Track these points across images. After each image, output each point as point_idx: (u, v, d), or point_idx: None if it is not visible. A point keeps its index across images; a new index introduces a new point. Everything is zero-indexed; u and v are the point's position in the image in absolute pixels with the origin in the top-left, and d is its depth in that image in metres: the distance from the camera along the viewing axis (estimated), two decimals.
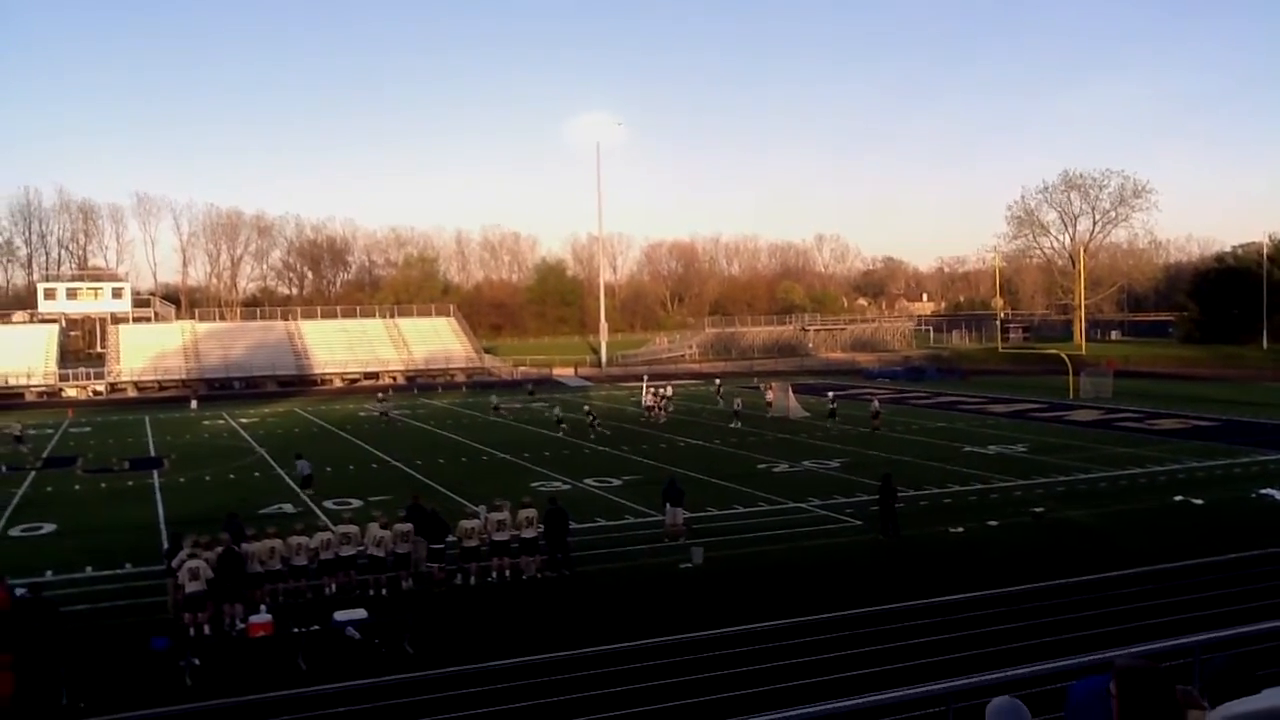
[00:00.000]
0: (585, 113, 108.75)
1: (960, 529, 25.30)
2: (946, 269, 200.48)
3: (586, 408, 52.87)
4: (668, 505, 25.21)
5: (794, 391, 55.23)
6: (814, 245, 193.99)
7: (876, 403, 49.60)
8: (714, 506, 28.78)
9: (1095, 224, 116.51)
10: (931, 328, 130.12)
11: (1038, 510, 27.17)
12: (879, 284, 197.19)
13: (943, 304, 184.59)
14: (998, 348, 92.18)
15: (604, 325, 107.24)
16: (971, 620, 17.78)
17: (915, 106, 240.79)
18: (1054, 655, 14.03)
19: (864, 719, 9.62)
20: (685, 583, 20.78)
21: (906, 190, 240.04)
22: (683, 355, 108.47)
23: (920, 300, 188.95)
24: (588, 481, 33.43)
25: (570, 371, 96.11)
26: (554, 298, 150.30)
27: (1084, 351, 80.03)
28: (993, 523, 26.07)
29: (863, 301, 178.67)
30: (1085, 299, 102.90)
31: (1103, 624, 17.11)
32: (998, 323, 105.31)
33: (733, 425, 47.94)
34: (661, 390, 57.94)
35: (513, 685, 14.97)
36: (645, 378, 70.70)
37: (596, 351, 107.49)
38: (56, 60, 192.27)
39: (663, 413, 53.14)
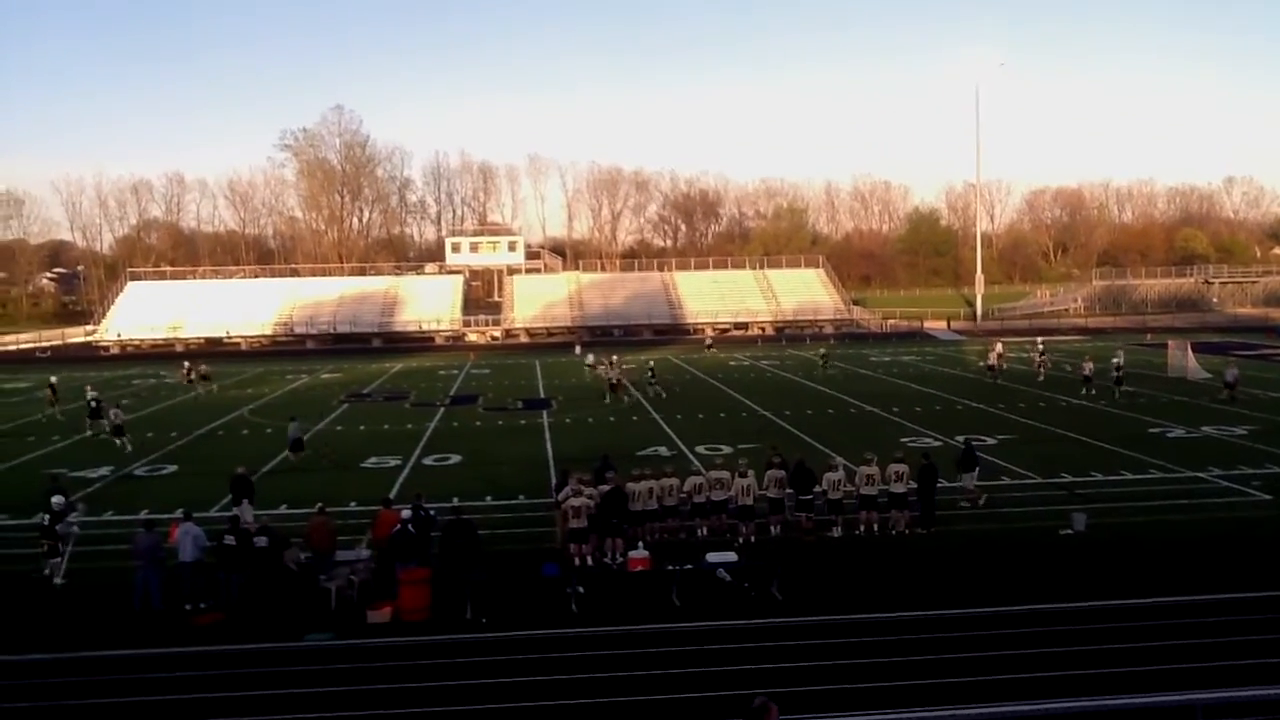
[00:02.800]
0: (964, 52, 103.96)
1: None
2: None
3: (650, 363, 51.76)
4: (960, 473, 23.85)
5: (1193, 350, 50.45)
6: (1222, 189, 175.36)
7: (1234, 371, 41.91)
8: (1099, 471, 26.99)
9: None
10: None
11: None
12: None
13: None
14: None
15: (980, 277, 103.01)
16: None
17: None
18: None
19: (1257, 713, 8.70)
20: (1064, 550, 19.68)
21: None
22: (1066, 309, 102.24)
23: None
24: (960, 439, 32.35)
25: (942, 325, 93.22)
26: (926, 248, 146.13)
27: None
28: None
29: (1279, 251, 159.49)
30: None
31: None
32: None
33: (1084, 392, 42.70)
34: (1038, 349, 55.19)
35: (877, 640, 14.90)
36: (999, 339, 68.01)
37: (971, 304, 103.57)
38: (460, 39, 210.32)
39: (1041, 370, 50.22)
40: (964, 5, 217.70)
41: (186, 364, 57.70)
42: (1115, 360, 45.09)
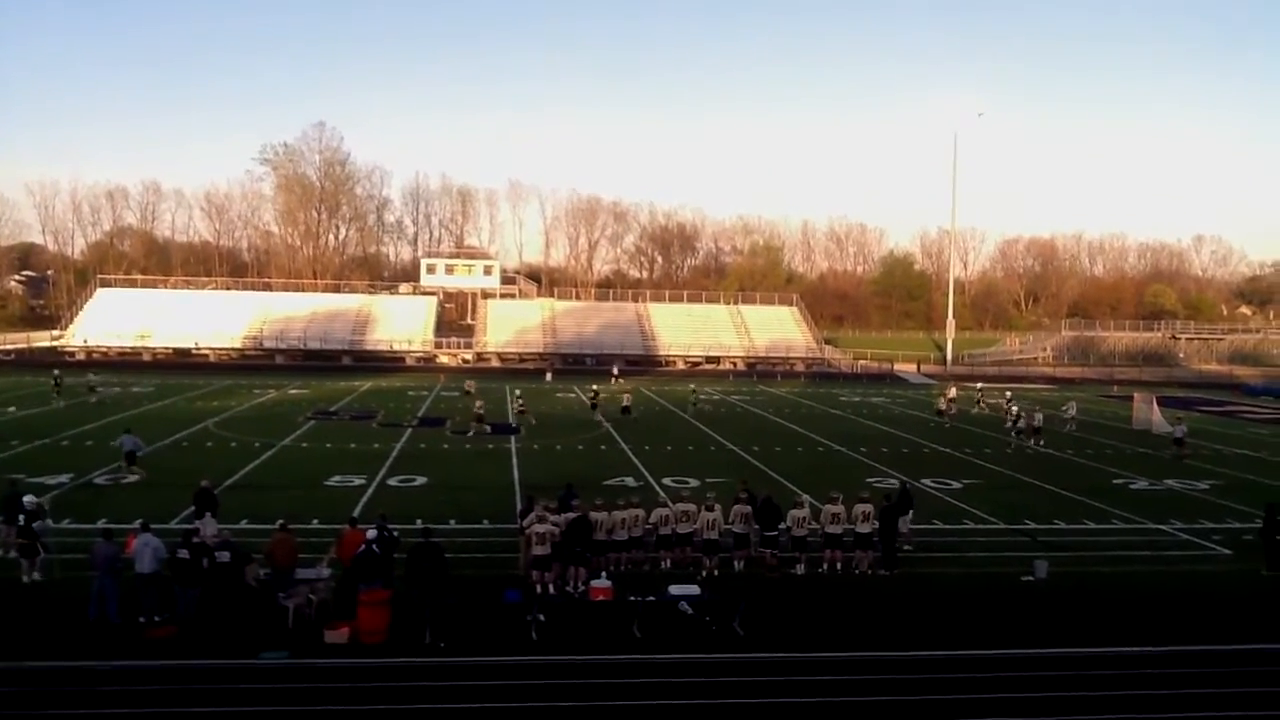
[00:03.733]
0: (943, 100, 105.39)
1: None
2: None
3: (519, 393, 52.63)
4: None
5: (1158, 403, 50.98)
6: (1191, 246, 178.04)
7: (1182, 428, 41.24)
8: (1062, 520, 27.17)
9: None
10: None
11: None
12: (1266, 291, 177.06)
13: None
14: None
15: (951, 322, 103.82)
16: None
17: None
18: None
19: None
20: (1025, 596, 19.76)
21: None
22: (1035, 358, 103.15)
23: None
24: (925, 482, 32.50)
25: (913, 368, 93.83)
26: (899, 291, 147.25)
27: None
28: None
29: (1246, 310, 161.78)
30: None
31: None
32: None
33: (1028, 441, 42.35)
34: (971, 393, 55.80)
35: (837, 679, 14.90)
36: (951, 381, 68.77)
37: (942, 349, 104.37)
38: (439, 64, 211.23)
39: (1008, 417, 50.40)
40: (945, 55, 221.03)
41: (56, 372, 56.56)
42: (1014, 407, 45.54)
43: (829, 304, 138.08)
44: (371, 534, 18.10)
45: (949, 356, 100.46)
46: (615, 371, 75.40)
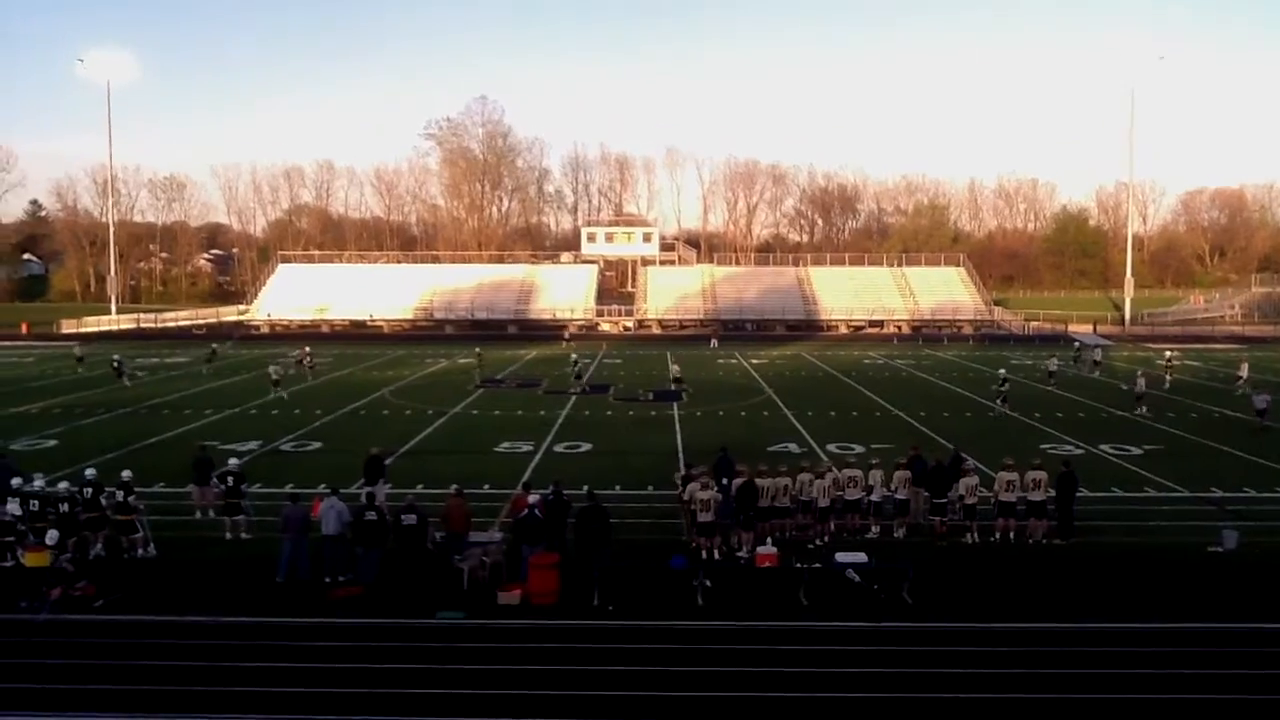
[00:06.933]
0: (1118, 43, 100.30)
1: None
2: None
3: (303, 354, 53.67)
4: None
5: None
6: None
7: (1266, 396, 36.49)
8: (1253, 488, 25.70)
9: None
10: None
11: None
12: None
13: None
14: None
15: (1129, 280, 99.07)
16: None
17: None
18: None
19: None
20: (1211, 568, 18.79)
21: None
22: (1222, 316, 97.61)
23: None
24: (1103, 447, 31.24)
25: (1088, 329, 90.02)
26: (1073, 249, 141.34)
27: None
28: None
29: None
30: None
31: None
32: None
33: (1136, 413, 38.56)
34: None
35: (1008, 650, 14.52)
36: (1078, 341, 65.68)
37: (1119, 308, 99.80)
38: (595, 34, 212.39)
39: (1168, 377, 47.37)
40: None
41: (214, 346, 58.81)
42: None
43: (998, 263, 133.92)
44: (534, 498, 18.53)
45: (1127, 316, 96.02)
46: (567, 336, 76.37)
